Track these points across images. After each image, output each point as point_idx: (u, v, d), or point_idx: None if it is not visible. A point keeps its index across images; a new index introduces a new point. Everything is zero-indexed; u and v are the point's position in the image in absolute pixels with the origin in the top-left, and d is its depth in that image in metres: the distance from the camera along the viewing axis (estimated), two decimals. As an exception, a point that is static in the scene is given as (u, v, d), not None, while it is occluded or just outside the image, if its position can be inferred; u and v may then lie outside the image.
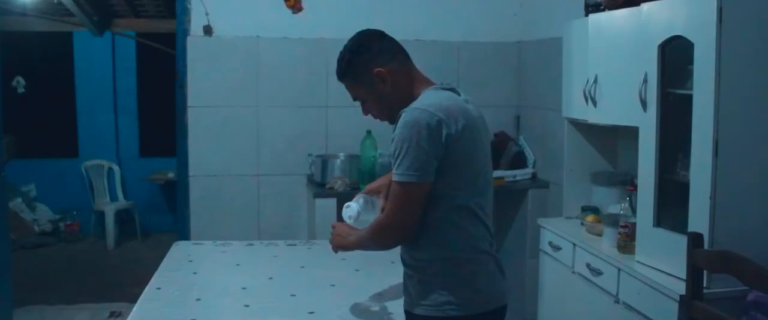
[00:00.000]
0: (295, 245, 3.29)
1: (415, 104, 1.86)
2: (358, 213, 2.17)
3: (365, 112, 2.07)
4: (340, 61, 2.01)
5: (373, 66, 1.95)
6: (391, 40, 2.03)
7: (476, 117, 1.93)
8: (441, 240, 1.89)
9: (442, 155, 1.81)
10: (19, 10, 6.93)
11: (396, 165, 1.83)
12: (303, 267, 2.90)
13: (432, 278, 1.90)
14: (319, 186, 4.18)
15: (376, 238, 1.98)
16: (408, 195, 1.83)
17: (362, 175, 4.05)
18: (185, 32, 4.42)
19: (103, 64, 7.78)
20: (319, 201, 4.06)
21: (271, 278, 2.73)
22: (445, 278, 1.89)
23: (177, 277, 2.72)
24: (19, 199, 7.47)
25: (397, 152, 1.82)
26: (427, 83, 2.00)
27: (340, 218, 2.26)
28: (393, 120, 1.93)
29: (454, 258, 1.89)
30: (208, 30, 4.41)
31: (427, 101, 1.86)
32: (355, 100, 2.06)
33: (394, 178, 1.84)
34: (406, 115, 1.83)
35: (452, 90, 1.96)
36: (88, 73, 7.77)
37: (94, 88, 7.76)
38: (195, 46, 4.42)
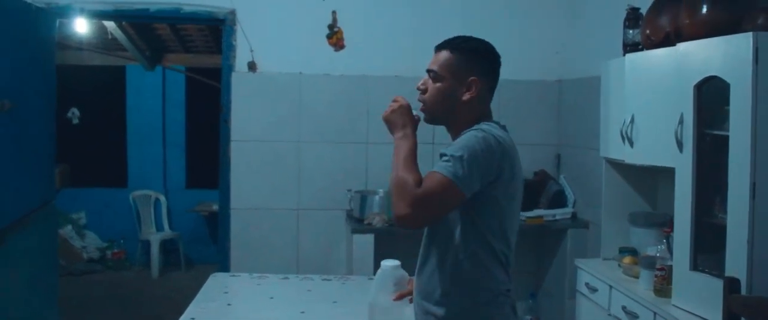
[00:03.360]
0: (329, 280, 3.30)
1: (489, 129, 1.87)
2: (396, 267, 2.16)
3: (421, 90, 2.01)
4: (464, 38, 2.02)
5: (475, 71, 1.96)
6: (499, 72, 2.04)
7: (520, 165, 1.95)
8: (462, 280, 1.89)
9: (486, 184, 1.82)
10: (76, 45, 7.21)
11: (447, 161, 1.79)
12: (336, 301, 2.91)
13: (450, 317, 1.90)
14: (358, 222, 4.21)
15: (397, 186, 1.83)
16: (440, 190, 1.78)
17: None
18: (230, 68, 4.54)
19: (153, 97, 8.00)
20: (356, 237, 4.09)
21: (303, 312, 2.75)
22: (462, 318, 1.89)
23: (212, 308, 2.76)
24: (70, 226, 7.68)
25: (454, 152, 1.80)
26: (491, 118, 2.02)
27: (378, 257, 2.23)
28: (431, 120, 1.99)
29: (472, 297, 1.89)
30: (252, 66, 4.53)
31: (499, 133, 1.89)
32: (428, 72, 2.01)
33: (438, 169, 1.80)
34: (479, 132, 1.85)
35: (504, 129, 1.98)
36: (139, 105, 8.00)
37: (144, 121, 7.98)
38: (239, 81, 4.54)
